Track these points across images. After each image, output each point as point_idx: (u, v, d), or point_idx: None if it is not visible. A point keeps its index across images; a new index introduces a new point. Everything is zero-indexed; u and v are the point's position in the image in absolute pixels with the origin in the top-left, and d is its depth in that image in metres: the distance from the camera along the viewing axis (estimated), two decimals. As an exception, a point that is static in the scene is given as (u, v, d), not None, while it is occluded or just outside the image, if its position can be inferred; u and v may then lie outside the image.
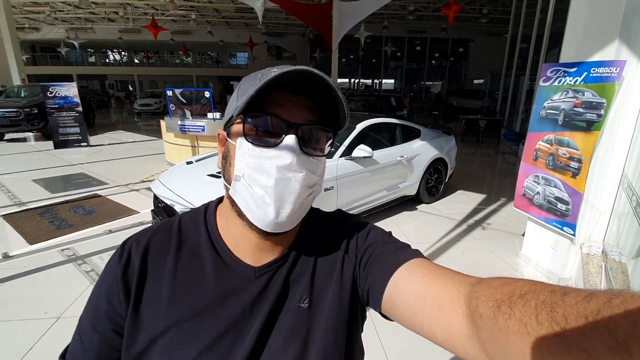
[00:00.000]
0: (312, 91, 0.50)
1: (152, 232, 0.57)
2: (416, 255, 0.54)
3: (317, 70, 0.46)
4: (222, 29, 23.39)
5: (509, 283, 0.36)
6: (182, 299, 0.51)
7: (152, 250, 0.54)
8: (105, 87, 30.27)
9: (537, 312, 0.30)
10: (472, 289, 0.41)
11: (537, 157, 2.89)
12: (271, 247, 0.55)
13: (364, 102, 11.76)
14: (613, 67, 2.24)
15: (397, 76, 29.29)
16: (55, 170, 6.31)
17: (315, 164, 0.51)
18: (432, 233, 3.80)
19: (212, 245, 0.55)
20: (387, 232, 0.61)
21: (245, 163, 0.49)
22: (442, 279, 0.47)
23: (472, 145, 9.54)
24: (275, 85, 0.47)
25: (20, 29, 20.63)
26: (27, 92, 10.18)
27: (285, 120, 0.48)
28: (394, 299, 0.50)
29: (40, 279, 2.82)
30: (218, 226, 0.57)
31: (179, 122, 5.99)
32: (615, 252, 2.46)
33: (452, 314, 0.42)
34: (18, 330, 2.24)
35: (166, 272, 0.53)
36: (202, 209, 0.61)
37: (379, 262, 0.54)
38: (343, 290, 0.55)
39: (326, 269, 0.57)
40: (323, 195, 3.34)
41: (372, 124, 4.12)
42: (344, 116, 0.52)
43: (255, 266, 0.54)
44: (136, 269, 0.52)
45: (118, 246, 0.57)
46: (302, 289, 0.54)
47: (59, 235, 3.61)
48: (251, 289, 0.53)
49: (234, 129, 0.52)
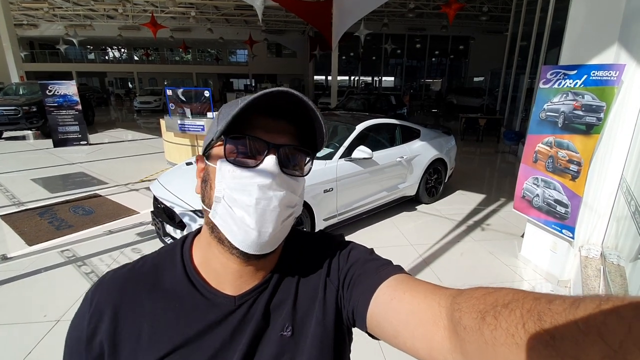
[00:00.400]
0: (292, 115, 0.51)
1: (124, 275, 0.56)
2: (397, 271, 0.54)
3: (296, 92, 0.47)
4: (221, 26, 23.29)
5: (491, 293, 0.36)
6: (161, 339, 0.51)
7: (124, 295, 0.53)
8: (104, 85, 30.19)
9: (523, 321, 0.29)
10: (453, 301, 0.40)
11: (537, 160, 2.89)
12: (252, 273, 0.55)
13: (363, 101, 11.73)
14: (612, 70, 2.24)
15: (397, 74, 29.23)
16: (55, 170, 6.30)
17: (295, 184, 0.52)
18: (431, 234, 3.81)
19: (189, 280, 0.55)
20: (369, 249, 0.61)
21: (226, 184, 0.49)
22: (422, 293, 0.47)
23: (471, 144, 9.53)
24: (255, 109, 0.48)
25: (19, 26, 20.52)
26: (25, 90, 10.15)
27: (266, 141, 0.49)
28: (377, 318, 0.50)
29: (39, 281, 2.82)
30: (194, 259, 0.57)
31: (179, 122, 5.98)
32: (613, 255, 2.47)
33: (434, 329, 0.42)
34: (17, 334, 2.25)
35: (143, 315, 0.52)
36: (180, 242, 0.60)
37: (360, 282, 0.54)
38: (326, 316, 0.55)
39: (308, 294, 0.56)
40: (323, 196, 3.34)
41: (371, 124, 4.11)
42: (321, 138, 0.53)
43: (235, 295, 0.54)
44: (107, 317, 0.52)
45: (85, 293, 0.56)
46: (284, 316, 0.54)
47: (58, 236, 3.61)
48: (231, 319, 0.52)
49: (214, 151, 0.52)
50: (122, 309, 0.52)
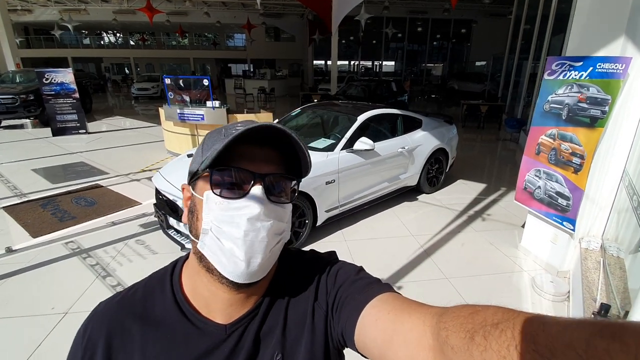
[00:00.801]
0: (276, 142, 0.52)
1: (115, 306, 0.56)
2: (383, 290, 0.54)
3: (280, 126, 0.48)
4: (219, 9, 22.73)
5: (479, 311, 0.35)
6: None
7: (115, 327, 0.54)
8: (101, 70, 29.73)
9: (516, 343, 0.28)
10: (439, 320, 0.40)
11: (540, 152, 2.88)
12: (242, 300, 0.55)
13: (364, 88, 11.59)
14: (619, 63, 2.21)
15: (398, 58, 28.76)
16: (55, 159, 6.29)
17: (282, 211, 0.52)
18: (432, 224, 3.83)
19: (179, 310, 0.55)
20: (358, 268, 0.61)
21: (213, 216, 0.49)
22: (406, 312, 0.47)
23: (472, 131, 9.48)
24: (240, 139, 0.49)
25: (13, 11, 20.03)
26: (22, 78, 10.01)
27: (252, 171, 0.50)
28: (363, 338, 0.50)
29: (45, 274, 2.86)
30: (184, 287, 0.57)
31: (178, 111, 5.93)
32: (613, 248, 2.49)
33: (418, 348, 0.42)
34: (26, 327, 2.29)
35: (135, 346, 0.52)
36: (170, 269, 0.60)
37: (348, 304, 0.54)
38: (315, 342, 0.55)
39: (297, 320, 0.57)
40: (325, 188, 3.34)
41: (373, 115, 4.08)
42: (306, 166, 0.54)
43: (226, 324, 0.54)
44: (100, 350, 0.52)
45: (84, 322, 0.56)
46: (274, 344, 0.54)
47: (62, 227, 3.63)
48: (223, 348, 0.53)
49: (199, 183, 0.52)
50: (114, 339, 0.53)
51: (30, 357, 2.03)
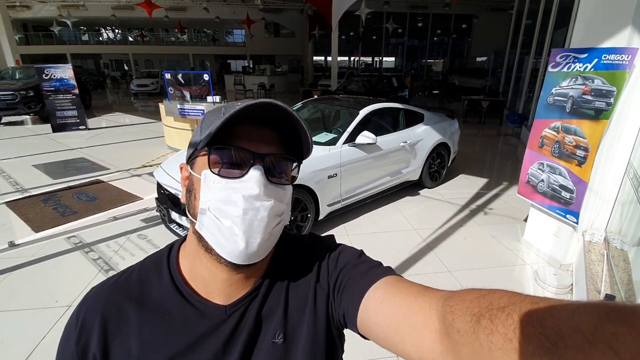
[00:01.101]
0: (277, 122, 0.51)
1: (110, 289, 0.55)
2: (387, 273, 0.54)
3: (280, 103, 0.46)
4: (218, 5, 22.60)
5: (485, 295, 0.35)
6: (152, 353, 0.50)
7: (111, 311, 0.52)
8: (100, 67, 29.61)
9: (522, 326, 0.28)
10: (445, 304, 0.40)
11: (543, 145, 2.87)
12: (242, 281, 0.54)
13: (364, 83, 11.54)
14: (625, 54, 2.19)
15: (398, 54, 28.63)
16: (55, 155, 6.27)
17: (282, 192, 0.51)
18: (434, 218, 3.83)
19: (177, 292, 0.54)
20: (359, 251, 0.61)
21: (211, 195, 0.48)
22: (412, 296, 0.46)
23: (474, 127, 9.46)
24: (239, 118, 0.47)
25: (11, 7, 19.92)
26: (22, 74, 9.98)
27: (251, 151, 0.49)
28: (367, 321, 0.50)
29: (48, 268, 2.86)
30: (181, 269, 0.56)
31: (179, 106, 5.91)
32: (617, 240, 2.49)
33: (425, 332, 0.41)
34: (30, 320, 2.29)
35: (131, 330, 0.51)
36: (166, 251, 0.59)
37: (350, 286, 0.54)
38: (317, 323, 0.55)
39: (299, 301, 0.56)
40: (327, 182, 3.34)
41: (375, 109, 4.06)
42: (307, 146, 0.52)
43: (226, 305, 0.53)
44: (95, 334, 0.51)
45: (76, 305, 0.55)
46: (275, 324, 0.54)
47: (63, 222, 3.63)
48: (223, 329, 0.52)
49: (198, 162, 0.51)
50: (110, 323, 0.51)
51: (34, 349, 2.03)
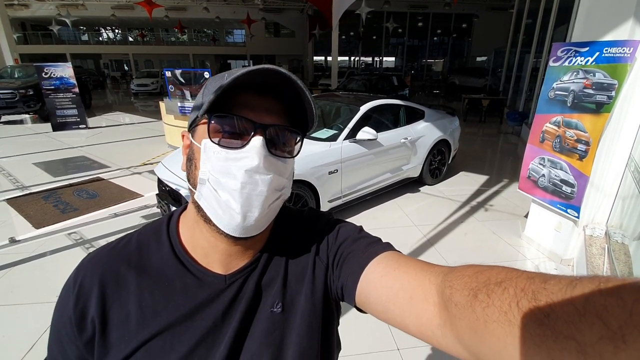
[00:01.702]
0: (280, 92, 0.49)
1: (108, 254, 0.54)
2: (387, 248, 0.54)
3: (283, 69, 0.45)
4: (218, 4, 22.62)
5: (483, 271, 0.36)
6: (151, 318, 0.50)
7: (109, 275, 0.51)
8: (100, 67, 29.63)
9: (517, 300, 0.29)
10: (444, 278, 0.41)
11: (544, 140, 2.87)
12: (241, 252, 0.54)
13: (365, 82, 11.55)
14: (627, 47, 2.18)
15: (398, 54, 28.66)
16: (55, 153, 6.27)
17: (283, 166, 0.50)
18: (435, 215, 3.83)
19: (177, 259, 0.53)
20: (358, 227, 0.61)
21: (211, 166, 0.47)
22: (412, 270, 0.47)
23: (474, 125, 9.45)
24: (241, 86, 0.46)
25: (9, 6, 19.93)
26: (21, 73, 9.97)
27: (253, 121, 0.47)
28: (366, 294, 0.50)
29: (48, 263, 2.86)
30: (181, 238, 0.56)
31: (179, 104, 5.91)
32: (618, 234, 2.49)
33: (424, 305, 0.42)
34: (30, 314, 2.29)
35: (130, 295, 0.51)
36: (165, 220, 0.58)
37: (350, 260, 0.54)
38: (315, 293, 0.55)
39: (298, 272, 0.57)
40: (328, 178, 3.33)
41: (376, 105, 4.06)
42: (312, 116, 0.50)
43: (225, 274, 0.53)
44: (94, 298, 0.50)
45: (73, 269, 0.54)
46: (274, 294, 0.54)
47: (64, 219, 3.62)
48: (222, 297, 0.52)
49: (198, 130, 0.50)
50: (108, 288, 0.51)
51: (34, 344, 2.03)
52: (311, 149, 3.32)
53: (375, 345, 2.08)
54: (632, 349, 0.21)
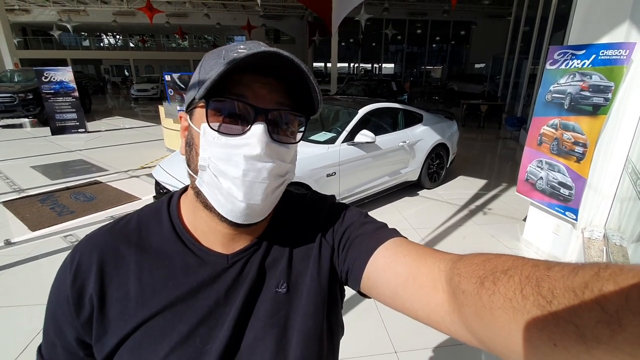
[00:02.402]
0: (282, 72, 0.47)
1: (107, 233, 0.53)
2: (395, 234, 0.54)
3: (286, 53, 0.43)
4: (218, 11, 22.79)
5: (491, 259, 0.36)
6: (151, 296, 0.49)
7: (108, 253, 0.51)
8: (100, 72, 29.77)
9: (521, 287, 0.30)
10: (453, 266, 0.41)
11: (542, 142, 2.87)
12: (243, 235, 0.53)
13: (364, 87, 11.61)
14: (622, 49, 2.20)
15: (397, 60, 28.85)
16: (54, 157, 6.26)
17: (286, 151, 0.49)
18: (433, 218, 3.82)
19: (178, 238, 0.53)
20: (364, 212, 0.61)
21: (211, 152, 0.46)
22: (422, 257, 0.47)
23: (473, 131, 9.48)
24: (242, 68, 0.44)
25: (10, 11, 20.07)
26: (20, 77, 9.99)
27: (253, 105, 0.45)
28: (374, 279, 0.50)
29: (43, 266, 2.84)
30: (183, 217, 0.55)
31: (178, 108, 5.92)
32: (616, 236, 2.48)
33: (433, 292, 0.42)
34: (25, 316, 2.26)
35: (130, 273, 0.50)
36: (165, 201, 0.57)
37: (357, 244, 0.53)
38: (321, 273, 0.55)
39: (303, 252, 0.56)
40: (326, 180, 3.33)
41: (374, 108, 4.07)
42: (317, 99, 0.48)
43: (228, 254, 0.52)
44: (92, 276, 0.49)
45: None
46: (279, 274, 0.53)
47: (60, 222, 3.60)
48: (225, 277, 0.51)
49: (196, 113, 0.48)
50: (107, 266, 0.50)
51: (28, 345, 2.00)
52: (309, 151, 3.32)
53: (373, 348, 2.06)
54: (627, 332, 0.22)
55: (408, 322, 2.16)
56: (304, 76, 0.46)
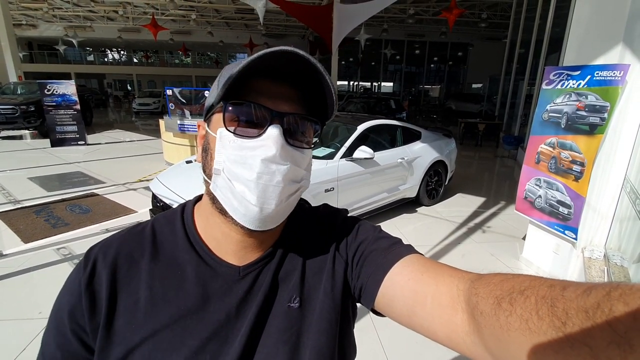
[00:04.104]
0: (298, 78, 0.47)
1: (121, 239, 0.53)
2: (410, 251, 0.53)
3: (301, 51, 0.42)
4: (222, 29, 23.36)
5: (509, 279, 0.36)
6: (161, 307, 0.48)
7: (122, 259, 0.50)
8: (103, 86, 30.16)
9: (537, 308, 0.30)
10: (471, 286, 0.40)
11: (539, 160, 2.88)
12: (256, 244, 0.53)
13: (363, 104, 11.77)
14: (617, 70, 2.24)
15: (396, 79, 29.38)
16: (52, 169, 6.24)
17: (301, 156, 0.48)
18: (432, 236, 3.78)
19: (191, 247, 0.52)
20: (377, 226, 0.60)
21: (226, 155, 0.46)
22: (440, 275, 0.46)
23: (471, 149, 9.55)
24: (257, 72, 0.45)
25: (17, 26, 20.50)
26: (23, 90, 10.09)
27: (270, 109, 0.46)
28: (390, 296, 0.48)
29: (34, 279, 2.77)
30: (197, 226, 0.54)
31: (179, 122, 5.96)
32: (617, 257, 2.45)
33: (453, 312, 0.42)
34: (12, 330, 2.19)
35: (141, 281, 0.49)
36: (179, 209, 0.57)
37: (372, 260, 0.52)
38: (335, 288, 0.53)
39: (316, 266, 0.55)
40: (324, 196, 3.31)
41: (373, 125, 4.11)
42: (332, 103, 0.48)
43: (240, 265, 0.52)
44: (104, 281, 0.48)
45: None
46: (291, 288, 0.52)
47: (54, 234, 3.55)
48: (236, 290, 0.50)
49: (214, 119, 0.49)
50: (120, 271, 0.49)
51: (12, 362, 1.93)
52: (308, 166, 3.31)
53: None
54: (637, 353, 0.22)
55: (406, 344, 2.10)
56: (319, 77, 0.45)
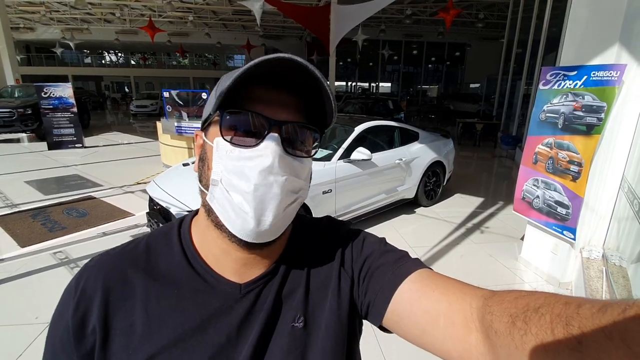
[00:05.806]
0: (296, 85, 0.46)
1: (114, 257, 0.50)
2: (418, 265, 0.51)
3: (299, 58, 0.41)
4: (219, 31, 23.34)
5: (523, 296, 0.35)
6: (158, 329, 0.45)
7: (115, 279, 0.47)
8: (101, 89, 30.09)
9: (552, 327, 0.29)
10: (484, 303, 0.39)
11: (537, 161, 2.88)
12: (257, 261, 0.50)
13: (361, 105, 11.76)
14: (613, 70, 2.24)
15: (394, 80, 29.41)
16: (49, 172, 6.22)
17: (300, 166, 0.47)
18: (430, 237, 3.78)
19: (188, 264, 0.50)
20: (381, 239, 0.58)
21: (223, 166, 0.44)
22: (452, 292, 0.44)
23: (469, 149, 9.56)
24: (255, 80, 0.44)
25: (15, 29, 20.44)
26: (21, 93, 10.05)
27: (268, 117, 0.44)
28: (399, 314, 0.47)
29: (31, 283, 2.75)
30: (194, 242, 0.52)
31: (176, 124, 5.94)
32: (615, 257, 2.45)
33: (466, 331, 0.40)
34: (8, 336, 2.18)
35: (137, 301, 0.47)
36: (176, 224, 0.55)
37: (379, 276, 0.50)
38: (341, 306, 0.51)
39: (320, 282, 0.53)
40: (322, 197, 3.30)
41: (370, 126, 4.10)
42: (331, 111, 0.46)
43: (241, 282, 0.49)
44: (96, 305, 0.46)
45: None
46: (295, 306, 0.50)
47: (51, 238, 3.53)
48: (237, 309, 0.48)
49: (211, 128, 0.48)
50: (113, 294, 0.47)
51: (8, 368, 1.92)
52: (305, 168, 3.31)
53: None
54: None
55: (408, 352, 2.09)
56: (318, 84, 0.44)
